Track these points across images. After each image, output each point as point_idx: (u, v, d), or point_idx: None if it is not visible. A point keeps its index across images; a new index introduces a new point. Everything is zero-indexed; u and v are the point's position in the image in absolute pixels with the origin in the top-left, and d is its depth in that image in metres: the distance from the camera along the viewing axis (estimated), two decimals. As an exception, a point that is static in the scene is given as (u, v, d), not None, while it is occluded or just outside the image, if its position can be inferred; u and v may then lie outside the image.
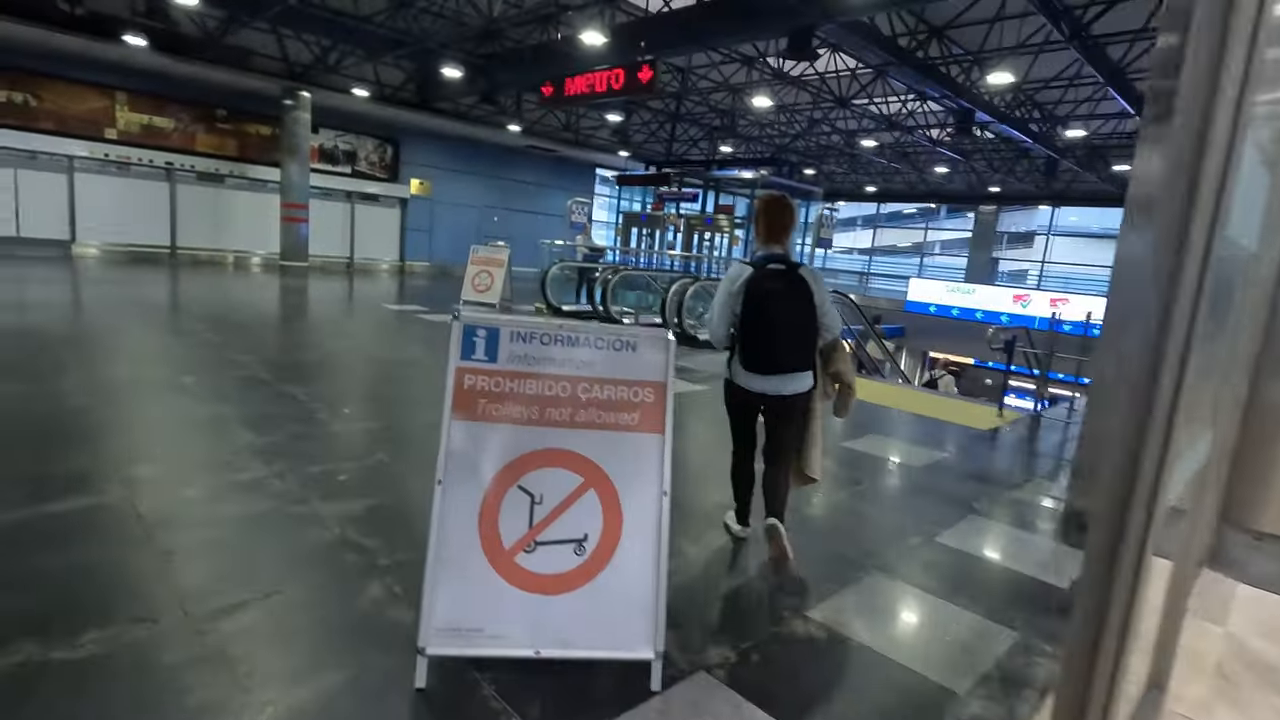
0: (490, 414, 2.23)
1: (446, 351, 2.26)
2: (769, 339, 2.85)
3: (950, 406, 7.36)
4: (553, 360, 2.29)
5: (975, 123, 13.57)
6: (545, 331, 2.30)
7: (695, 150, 22.18)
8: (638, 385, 2.32)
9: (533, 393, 2.25)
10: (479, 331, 2.26)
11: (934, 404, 7.39)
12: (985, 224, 23.97)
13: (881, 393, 7.68)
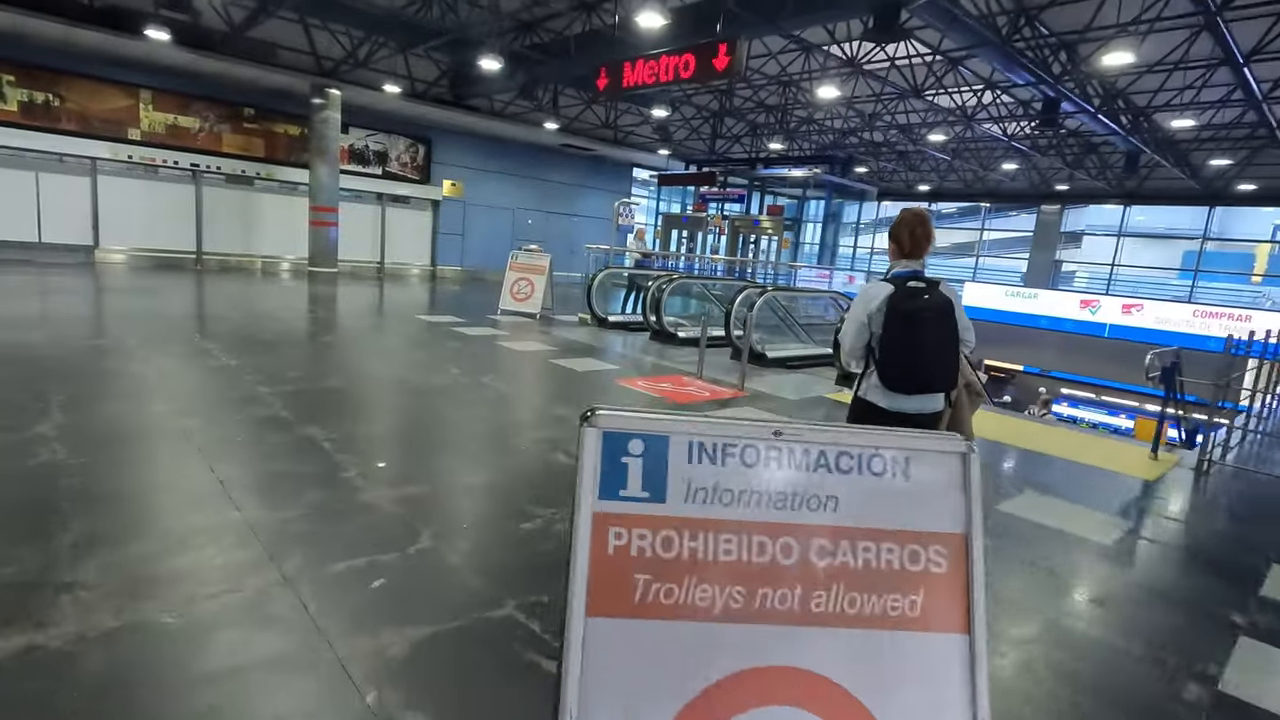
0: (659, 604, 1.20)
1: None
2: (917, 359, 2.74)
3: (1088, 446, 6.17)
4: (763, 493, 1.25)
5: (1061, 113, 12.27)
6: (748, 439, 1.27)
7: (738, 148, 21.07)
8: (918, 540, 1.27)
9: (734, 558, 1.23)
10: (633, 444, 1.24)
11: (1069, 442, 6.21)
12: (1048, 224, 22.43)
13: (1003, 428, 6.53)
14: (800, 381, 7.72)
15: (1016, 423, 7.02)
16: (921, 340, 2.73)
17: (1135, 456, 5.80)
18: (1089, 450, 5.87)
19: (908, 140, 16.42)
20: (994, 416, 7.05)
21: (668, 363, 8.25)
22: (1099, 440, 6.53)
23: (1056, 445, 5.93)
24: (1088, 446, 6.07)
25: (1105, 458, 5.65)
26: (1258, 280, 25.37)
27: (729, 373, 7.88)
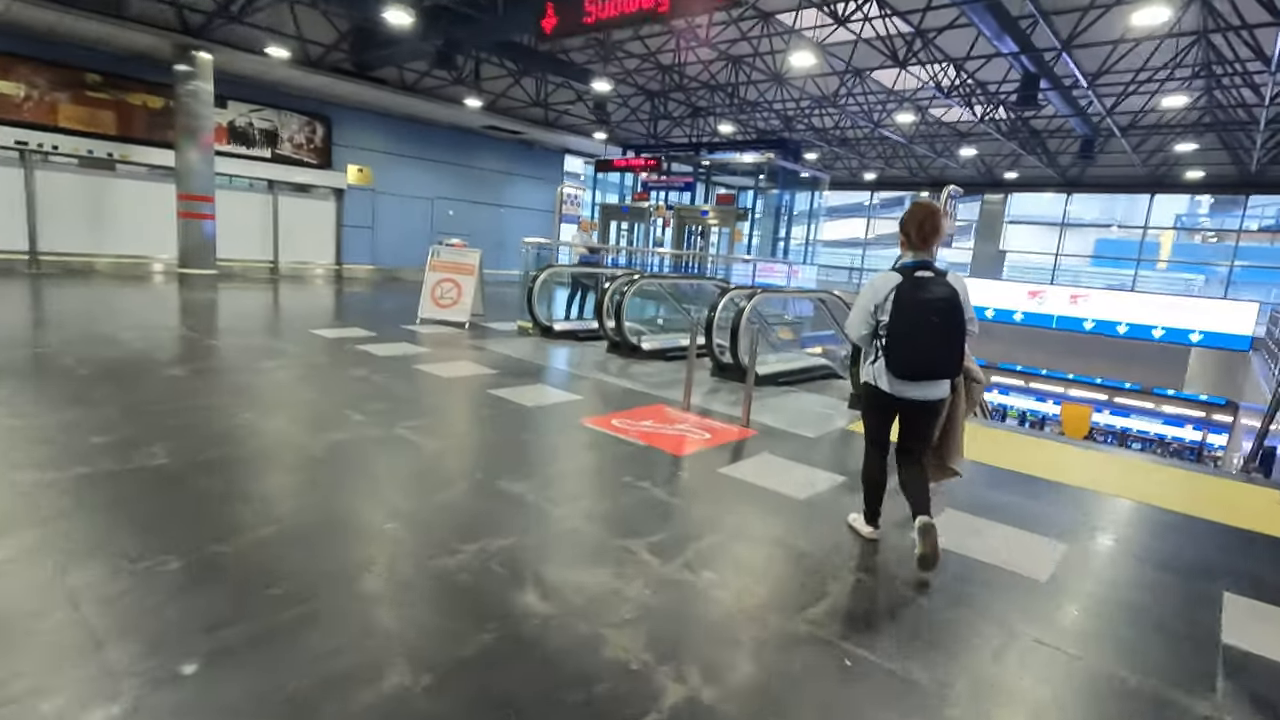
0: None
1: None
2: (924, 347, 2.80)
3: (1191, 486, 4.89)
4: None
5: (1040, 89, 11.28)
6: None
7: (679, 132, 19.50)
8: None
9: None
10: None
11: (1150, 482, 4.89)
12: (992, 213, 22.05)
13: (1028, 454, 5.18)
14: (809, 409, 6.18)
15: (1040, 445, 5.72)
16: (929, 328, 2.77)
17: (1254, 500, 4.55)
18: (1201, 497, 4.57)
19: (870, 121, 15.25)
20: (1004, 435, 5.72)
21: (638, 386, 6.55)
22: (1208, 481, 5.27)
23: (1135, 485, 4.61)
24: (1198, 491, 4.78)
25: (1220, 506, 4.34)
26: (1163, 266, 26.09)
27: (718, 397, 6.27)
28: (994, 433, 5.93)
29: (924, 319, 2.76)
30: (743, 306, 6.87)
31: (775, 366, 7.48)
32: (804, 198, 17.83)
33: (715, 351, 7.08)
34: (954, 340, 2.81)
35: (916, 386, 2.88)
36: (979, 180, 21.39)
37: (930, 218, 2.89)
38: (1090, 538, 3.65)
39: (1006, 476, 4.63)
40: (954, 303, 2.78)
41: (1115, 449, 6.56)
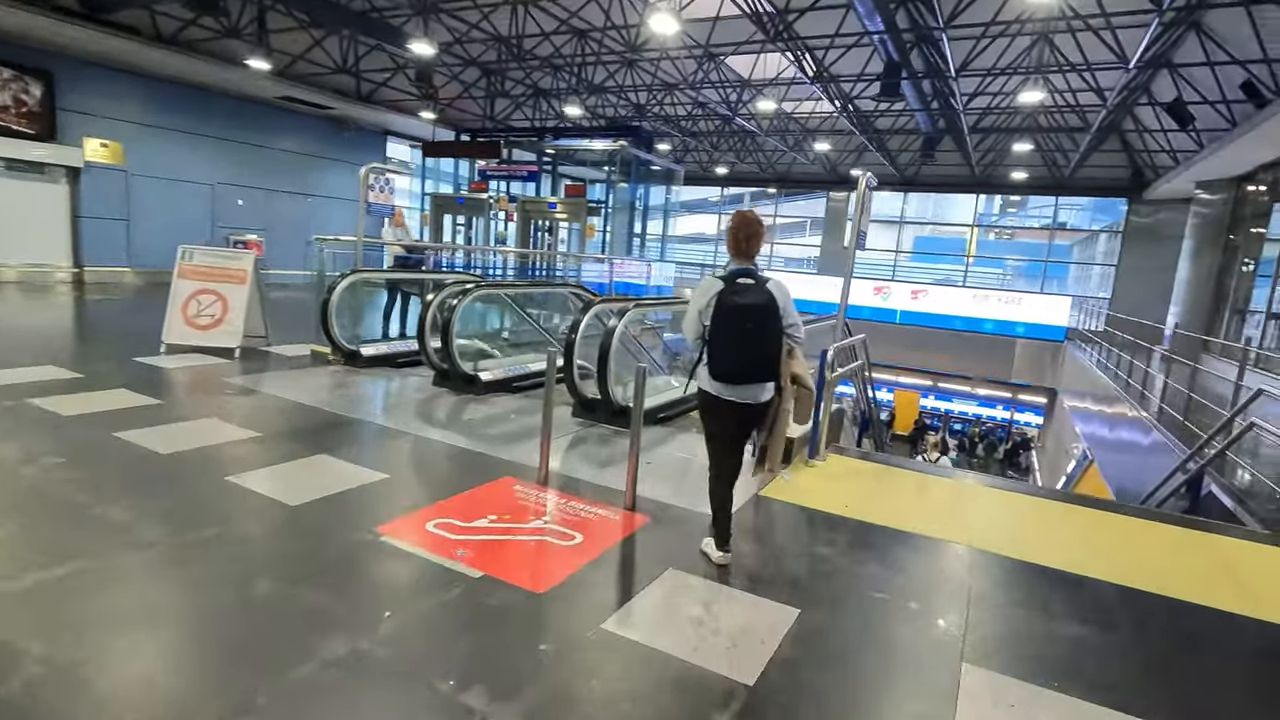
0: None
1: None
2: (737, 352, 2.93)
3: (1209, 568, 3.95)
4: None
5: (901, 78, 10.74)
6: None
7: (521, 116, 17.51)
8: None
9: None
10: None
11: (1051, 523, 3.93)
12: (838, 210, 22.31)
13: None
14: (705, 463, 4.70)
15: (899, 480, 4.69)
16: (743, 334, 2.91)
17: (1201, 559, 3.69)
18: (1221, 585, 3.62)
19: (728, 108, 14.23)
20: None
21: (474, 442, 4.71)
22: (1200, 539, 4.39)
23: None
24: (1216, 573, 3.84)
25: (1247, 595, 3.40)
26: (971, 261, 28.31)
27: (585, 453, 4.61)
28: (857, 466, 4.80)
29: (739, 325, 2.89)
30: (612, 325, 5.24)
31: (652, 398, 5.94)
32: (658, 192, 16.62)
33: (576, 382, 5.40)
34: (767, 346, 2.93)
35: (737, 389, 3.01)
36: (825, 178, 21.49)
37: (747, 226, 3.04)
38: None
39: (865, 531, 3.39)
40: (768, 310, 2.90)
41: (980, 478, 5.63)
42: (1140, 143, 15.31)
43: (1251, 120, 10.37)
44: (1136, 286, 18.14)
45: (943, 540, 3.63)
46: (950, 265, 24.92)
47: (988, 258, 27.98)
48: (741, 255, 3.03)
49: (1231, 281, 13.57)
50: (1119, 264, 18.65)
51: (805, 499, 4.10)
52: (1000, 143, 16.20)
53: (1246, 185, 13.51)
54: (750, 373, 2.97)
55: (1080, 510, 4.45)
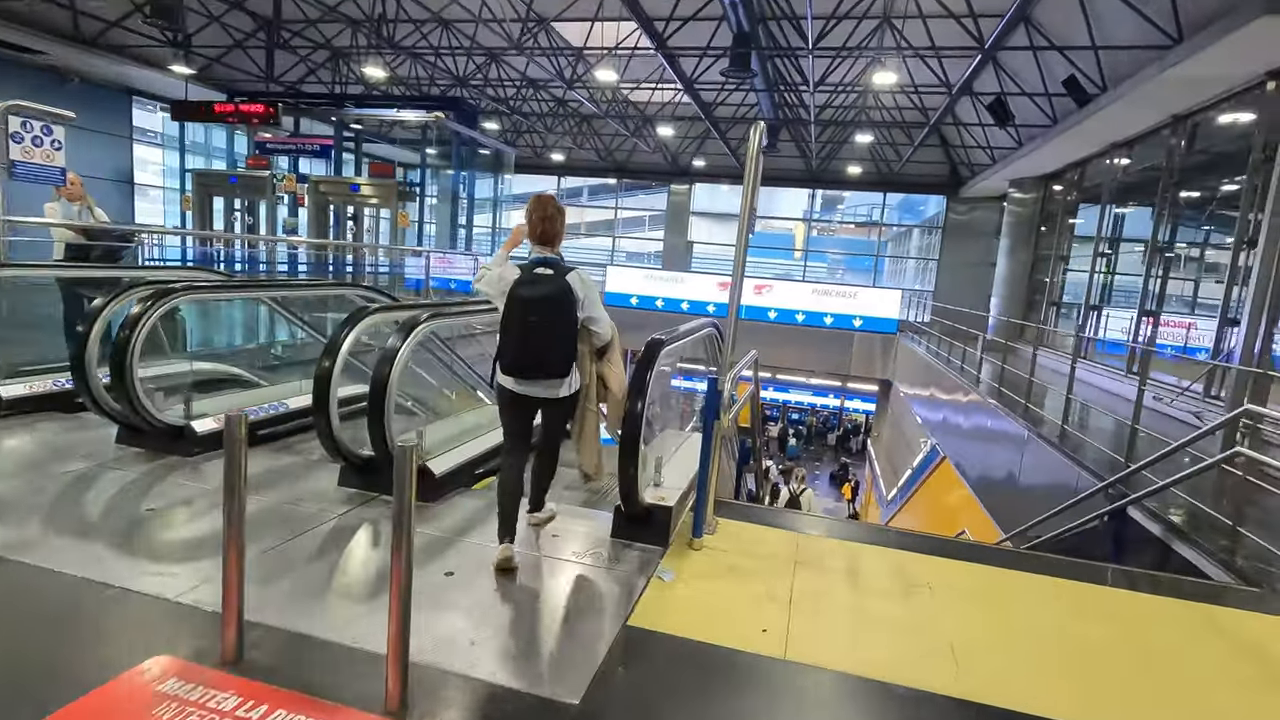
0: None
1: None
2: (521, 344, 2.81)
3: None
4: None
5: (751, 49, 9.76)
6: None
7: (319, 81, 14.63)
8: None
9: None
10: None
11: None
12: (678, 204, 21.54)
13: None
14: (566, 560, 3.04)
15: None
16: (526, 326, 2.78)
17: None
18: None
19: (562, 80, 12.55)
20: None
21: (131, 566, 2.67)
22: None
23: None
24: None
25: None
26: (799, 255, 29.26)
27: (333, 562, 2.79)
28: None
29: (522, 318, 2.78)
30: (393, 346, 3.40)
31: (466, 445, 4.17)
32: (491, 182, 14.63)
33: (337, 436, 3.51)
34: (554, 339, 2.81)
35: (527, 383, 2.89)
36: (666, 169, 20.58)
37: (542, 209, 2.91)
38: None
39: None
40: (556, 301, 2.78)
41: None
42: (959, 139, 15.84)
43: (1072, 117, 10.62)
44: (957, 280, 19.10)
45: (956, 700, 2.26)
46: (779, 260, 25.25)
47: (815, 252, 28.95)
48: (540, 241, 2.92)
49: (1046, 276, 14.34)
50: (940, 259, 19.55)
51: (700, 623, 2.58)
52: (838, 135, 16.08)
53: (1054, 184, 14.36)
54: (533, 367, 2.85)
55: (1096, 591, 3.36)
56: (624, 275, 21.11)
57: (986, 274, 18.70)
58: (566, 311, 2.80)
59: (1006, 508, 7.56)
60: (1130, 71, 8.94)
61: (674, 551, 3.19)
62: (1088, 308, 11.73)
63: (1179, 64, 7.55)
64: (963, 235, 19.09)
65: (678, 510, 3.36)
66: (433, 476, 3.56)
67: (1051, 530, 5.75)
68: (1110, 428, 7.15)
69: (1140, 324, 9.79)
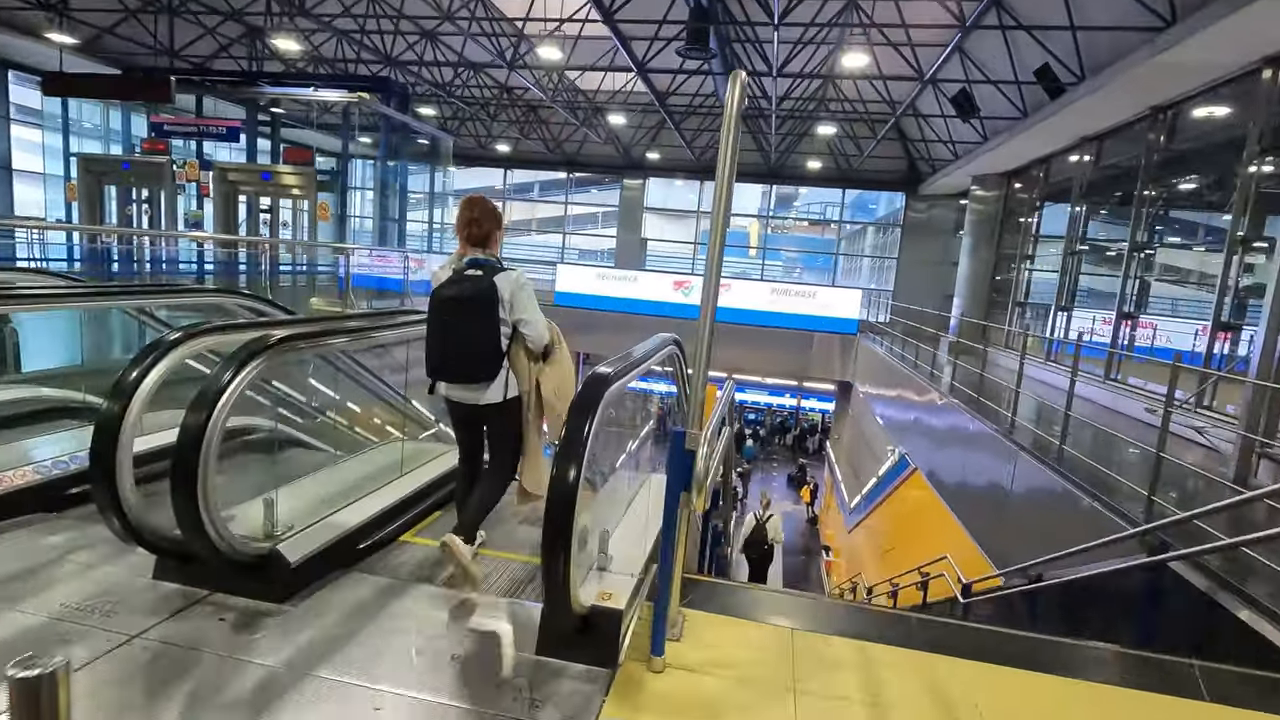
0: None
1: None
2: (439, 347, 2.75)
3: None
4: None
5: (710, 24, 8.87)
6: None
7: (231, 58, 13.12)
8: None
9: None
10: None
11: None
12: (632, 200, 20.58)
13: None
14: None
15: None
16: (439, 327, 2.72)
17: None
18: None
19: (502, 59, 11.42)
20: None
21: None
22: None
23: None
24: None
25: None
26: (754, 253, 28.68)
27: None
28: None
29: (436, 319, 2.73)
30: (224, 382, 2.34)
31: (348, 510, 3.12)
32: (429, 172, 13.41)
33: (122, 510, 2.41)
34: (469, 340, 2.70)
35: (455, 388, 2.82)
36: (618, 162, 19.60)
37: (470, 209, 2.80)
38: None
39: None
40: (473, 301, 2.67)
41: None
42: (919, 133, 15.33)
43: (1045, 109, 10.08)
44: (915, 279, 18.70)
45: None
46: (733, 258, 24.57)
47: (770, 249, 28.36)
48: (472, 243, 2.80)
49: (1009, 275, 13.92)
50: (899, 257, 19.11)
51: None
52: (798, 127, 15.37)
53: (1018, 180, 13.96)
54: (451, 370, 2.77)
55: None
56: (575, 274, 20.03)
57: (946, 273, 18.36)
58: (484, 312, 2.68)
59: (994, 534, 6.87)
60: (1109, 59, 8.39)
61: (625, 676, 2.24)
62: (1057, 308, 11.26)
63: (1171, 48, 6.97)
64: (922, 233, 18.69)
65: (630, 608, 2.42)
66: (284, 566, 2.52)
67: (1060, 571, 5.04)
68: (1099, 439, 6.53)
69: (1119, 327, 9.30)
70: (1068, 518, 5.51)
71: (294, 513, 2.81)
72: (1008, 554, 6.37)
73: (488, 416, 2.86)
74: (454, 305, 2.69)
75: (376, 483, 3.37)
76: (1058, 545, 5.70)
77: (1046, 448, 6.31)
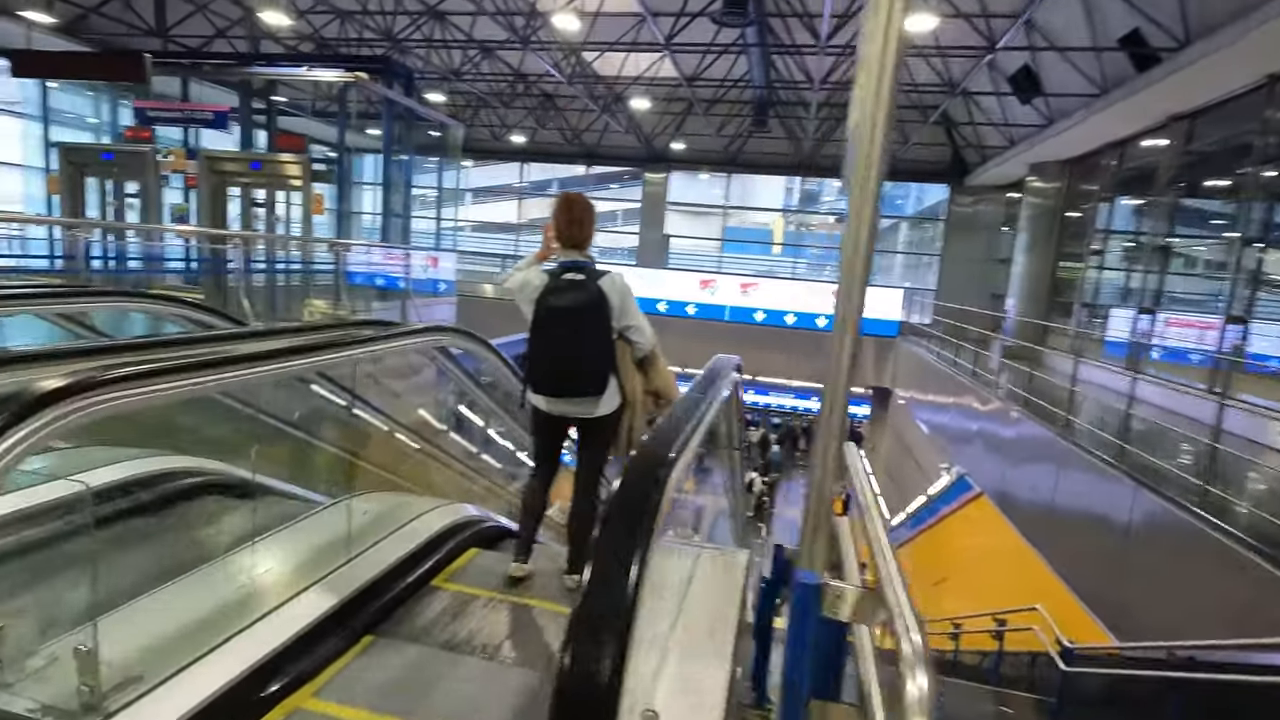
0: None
1: None
2: (551, 360, 2.56)
3: None
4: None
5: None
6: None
7: (227, 39, 12.22)
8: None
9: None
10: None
11: None
12: (654, 195, 19.44)
13: None
14: None
15: None
16: (557, 338, 2.53)
17: None
18: None
19: (517, 38, 10.35)
20: None
21: None
22: None
23: None
24: None
25: None
26: (778, 250, 27.23)
27: None
28: None
29: (550, 332, 2.52)
30: None
31: (268, 629, 2.01)
32: (437, 164, 12.42)
33: None
34: (586, 352, 2.52)
35: (559, 402, 2.62)
36: (640, 153, 18.46)
37: (569, 209, 2.59)
38: None
39: None
40: (586, 310, 2.48)
41: None
42: (968, 116, 14.01)
43: (1135, 81, 8.77)
44: (960, 277, 17.37)
45: None
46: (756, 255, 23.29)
47: (792, 246, 26.92)
48: (568, 245, 2.59)
49: (1076, 273, 12.59)
50: (943, 254, 17.78)
51: None
52: (839, 112, 14.11)
53: (1084, 168, 12.61)
54: (565, 385, 2.57)
55: None
56: (616, 275, 18.95)
57: (992, 270, 17.03)
58: (599, 321, 2.49)
59: (1104, 586, 5.65)
60: (1223, 20, 7.11)
61: None
62: (1140, 310, 9.94)
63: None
64: (967, 228, 17.34)
65: None
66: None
67: (1220, 663, 3.85)
68: (1239, 469, 5.29)
69: (1224, 333, 7.99)
70: (1222, 582, 4.31)
71: (146, 652, 1.73)
72: (1128, 617, 5.17)
73: (588, 429, 2.68)
74: (567, 316, 2.48)
75: (307, 577, 2.28)
76: (1204, 615, 4.50)
77: (1172, 479, 5.11)
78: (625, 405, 2.69)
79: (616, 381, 2.62)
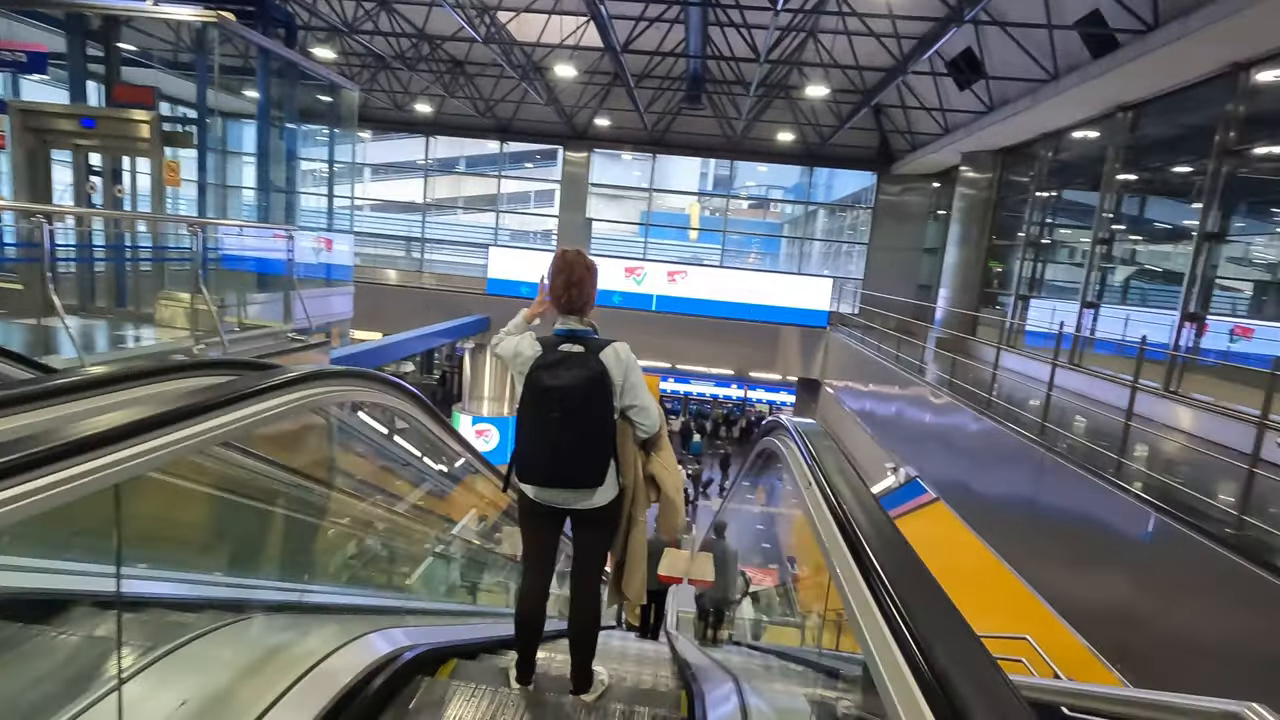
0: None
1: None
2: (541, 445, 2.19)
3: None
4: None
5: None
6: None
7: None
8: None
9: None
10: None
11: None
12: (576, 176, 18.13)
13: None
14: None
15: None
16: (548, 424, 2.17)
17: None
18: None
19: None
20: None
21: None
22: None
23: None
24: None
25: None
26: (695, 236, 26.63)
27: None
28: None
29: (543, 415, 2.16)
30: None
31: None
32: (341, 139, 10.69)
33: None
34: (583, 438, 2.17)
35: (553, 492, 2.27)
36: (560, 130, 17.08)
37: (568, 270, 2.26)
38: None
39: None
40: (585, 389, 2.14)
41: None
42: (899, 100, 13.62)
43: (1098, 64, 8.38)
44: (886, 266, 17.21)
45: None
46: (673, 241, 22.52)
47: (714, 231, 26.27)
48: (565, 311, 2.28)
49: (1010, 265, 12.46)
50: (870, 242, 17.54)
51: None
52: (775, 92, 13.34)
53: (1013, 158, 12.47)
54: (557, 474, 2.20)
55: None
56: (509, 258, 17.53)
57: (918, 260, 16.98)
58: (599, 402, 2.18)
59: (1101, 615, 5.12)
60: (1197, 2, 6.73)
61: None
62: (1083, 305, 9.76)
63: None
64: (894, 217, 17.16)
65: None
66: None
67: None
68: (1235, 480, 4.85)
69: (1181, 328, 7.79)
70: (1260, 622, 3.76)
71: None
72: (1136, 652, 4.62)
73: (587, 521, 2.34)
74: (562, 394, 2.13)
75: None
76: (1239, 654, 3.94)
77: (1180, 498, 4.59)
78: (624, 492, 2.37)
79: (616, 468, 2.28)
